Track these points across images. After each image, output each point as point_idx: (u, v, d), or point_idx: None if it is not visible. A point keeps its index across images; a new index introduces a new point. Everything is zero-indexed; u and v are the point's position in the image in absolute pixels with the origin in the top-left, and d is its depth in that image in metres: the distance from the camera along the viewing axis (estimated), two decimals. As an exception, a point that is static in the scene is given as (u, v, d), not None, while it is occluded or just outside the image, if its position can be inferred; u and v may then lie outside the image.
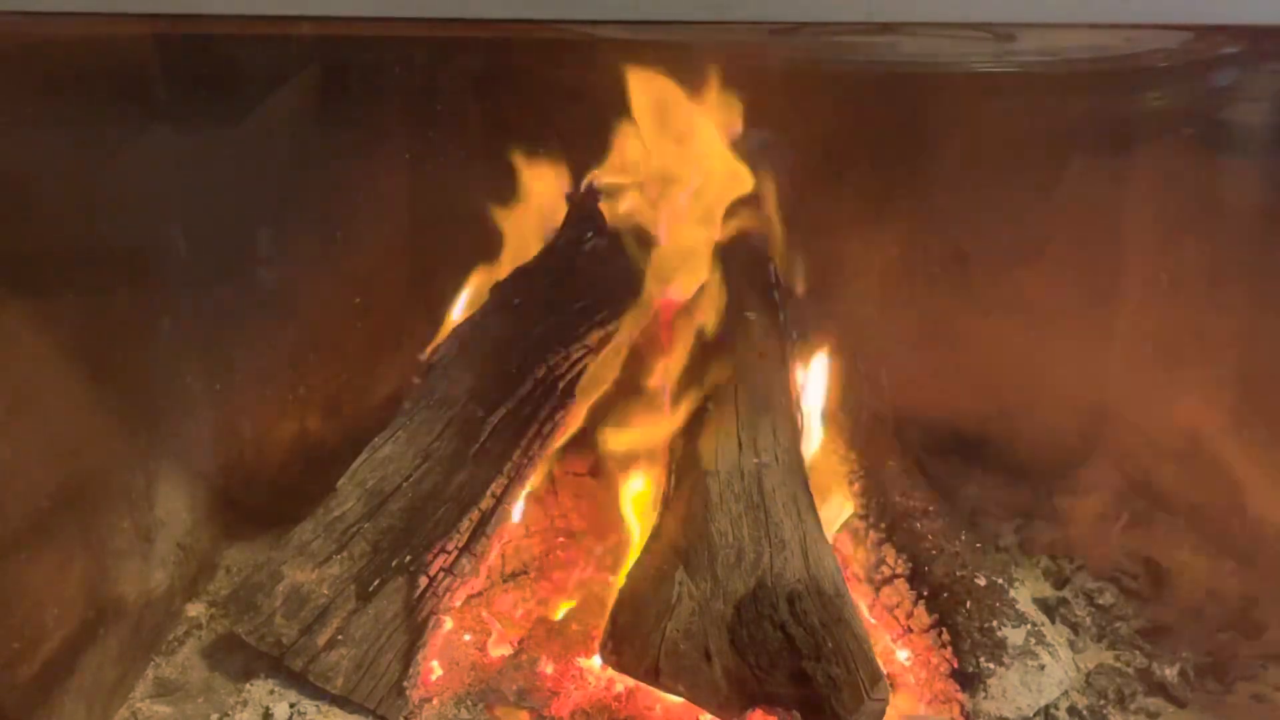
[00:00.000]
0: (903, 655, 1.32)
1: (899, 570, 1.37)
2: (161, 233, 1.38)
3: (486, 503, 1.28)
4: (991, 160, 1.62)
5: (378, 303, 1.62)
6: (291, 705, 1.18)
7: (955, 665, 1.26)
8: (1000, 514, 1.64)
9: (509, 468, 1.30)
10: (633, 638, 1.16)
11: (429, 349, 1.43)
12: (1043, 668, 1.26)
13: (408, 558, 1.24)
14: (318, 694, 1.19)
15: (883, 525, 1.42)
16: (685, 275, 1.50)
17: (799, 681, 1.09)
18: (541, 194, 1.53)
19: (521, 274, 1.45)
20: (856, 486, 1.46)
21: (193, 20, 0.92)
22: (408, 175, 1.65)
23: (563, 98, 1.55)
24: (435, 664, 1.27)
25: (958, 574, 1.34)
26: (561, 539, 1.47)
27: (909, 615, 1.33)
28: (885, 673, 1.12)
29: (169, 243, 1.39)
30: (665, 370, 1.45)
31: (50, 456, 1.12)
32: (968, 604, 1.30)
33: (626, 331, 1.42)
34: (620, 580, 1.24)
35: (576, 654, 1.28)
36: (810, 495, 1.30)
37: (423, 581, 1.23)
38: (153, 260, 1.37)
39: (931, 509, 1.44)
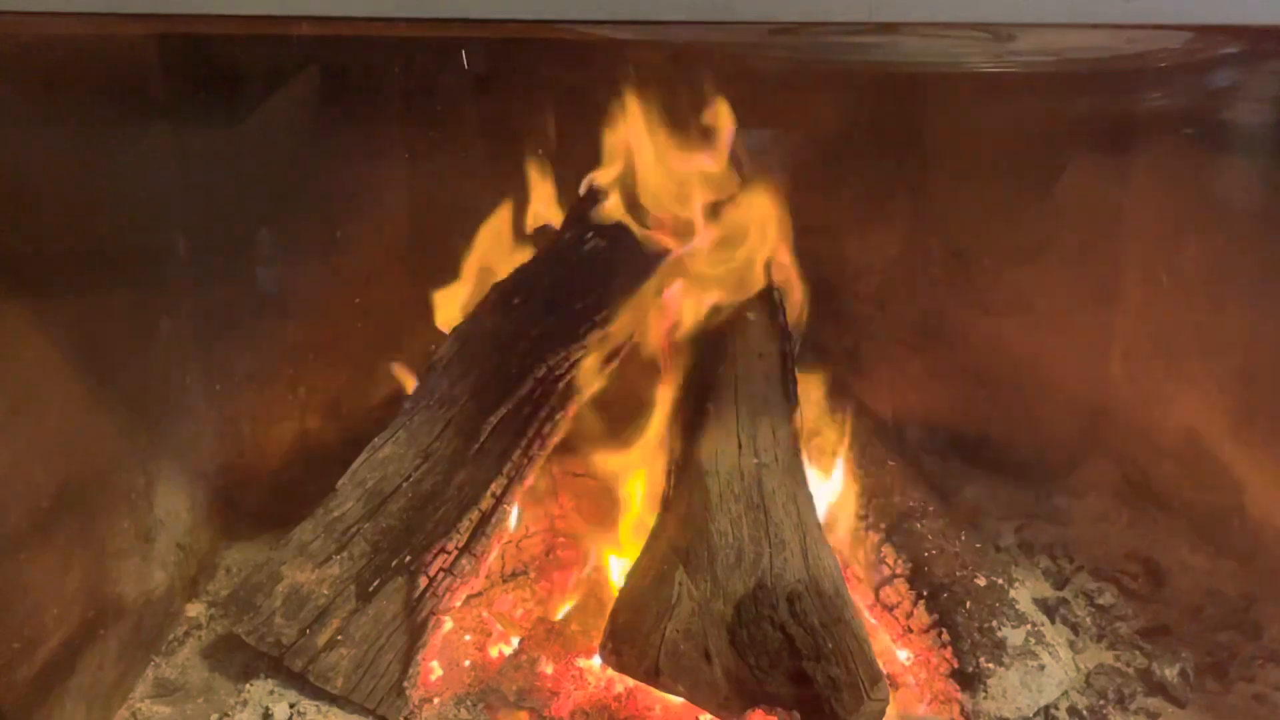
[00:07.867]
0: (903, 655, 1.32)
1: (899, 570, 1.37)
2: (161, 233, 1.38)
3: (486, 503, 1.28)
4: (992, 160, 1.62)
5: (378, 303, 1.62)
6: (291, 705, 1.18)
7: (955, 665, 1.26)
8: (1000, 514, 1.64)
9: (509, 468, 1.30)
10: (633, 638, 1.16)
11: (429, 349, 1.43)
12: (1043, 668, 1.26)
13: (408, 558, 1.24)
14: (318, 694, 1.19)
15: (883, 525, 1.42)
16: (684, 275, 1.50)
17: (799, 682, 1.09)
18: (542, 194, 1.53)
19: (521, 274, 1.45)
20: (857, 487, 1.46)
21: (193, 20, 0.92)
22: (407, 175, 1.65)
23: (563, 98, 1.55)
24: (435, 664, 1.27)
25: (958, 574, 1.34)
26: (561, 539, 1.47)
27: (909, 615, 1.33)
28: (885, 673, 1.12)
29: (169, 243, 1.39)
30: (665, 370, 1.45)
31: (50, 456, 1.12)
32: (968, 604, 1.30)
33: (626, 331, 1.42)
34: (614, 581, 1.24)
35: (576, 654, 1.28)
36: (810, 495, 1.30)
37: (423, 581, 1.23)
38: (152, 260, 1.37)
39: (931, 509, 1.44)
